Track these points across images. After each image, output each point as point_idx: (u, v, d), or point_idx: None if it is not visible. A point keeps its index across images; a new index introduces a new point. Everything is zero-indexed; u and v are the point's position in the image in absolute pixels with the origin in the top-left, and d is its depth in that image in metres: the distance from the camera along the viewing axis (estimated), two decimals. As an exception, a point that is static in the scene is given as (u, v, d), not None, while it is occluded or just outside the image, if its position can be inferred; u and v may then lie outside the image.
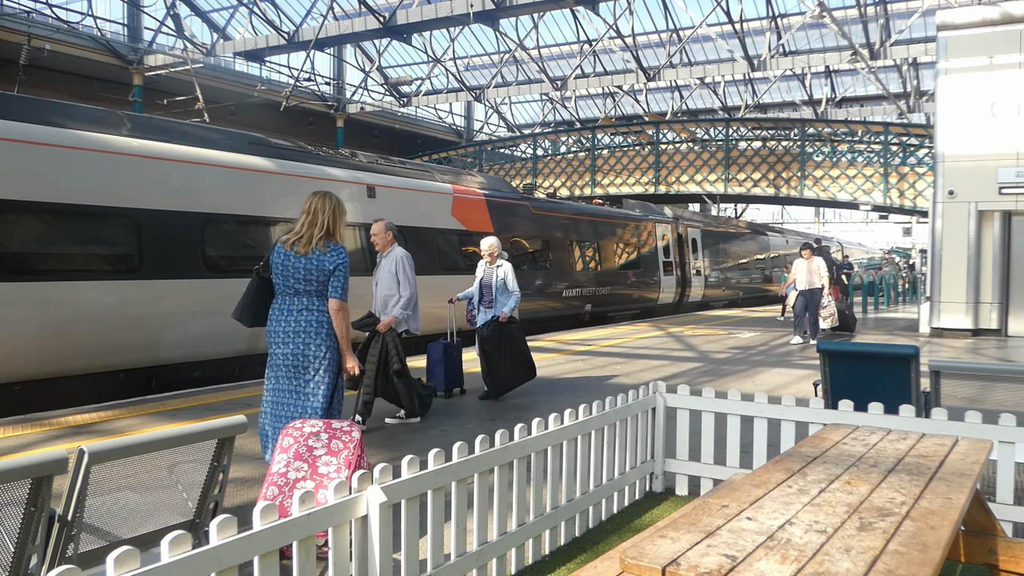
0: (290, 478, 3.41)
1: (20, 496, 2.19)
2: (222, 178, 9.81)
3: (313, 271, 4.16)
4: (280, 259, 4.20)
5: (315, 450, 3.49)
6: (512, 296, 7.78)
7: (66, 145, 8.22)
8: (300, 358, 4.20)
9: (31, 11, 21.53)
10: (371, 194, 11.82)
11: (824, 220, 64.04)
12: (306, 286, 4.19)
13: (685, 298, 22.85)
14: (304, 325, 4.18)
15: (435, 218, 13.18)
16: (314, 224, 4.19)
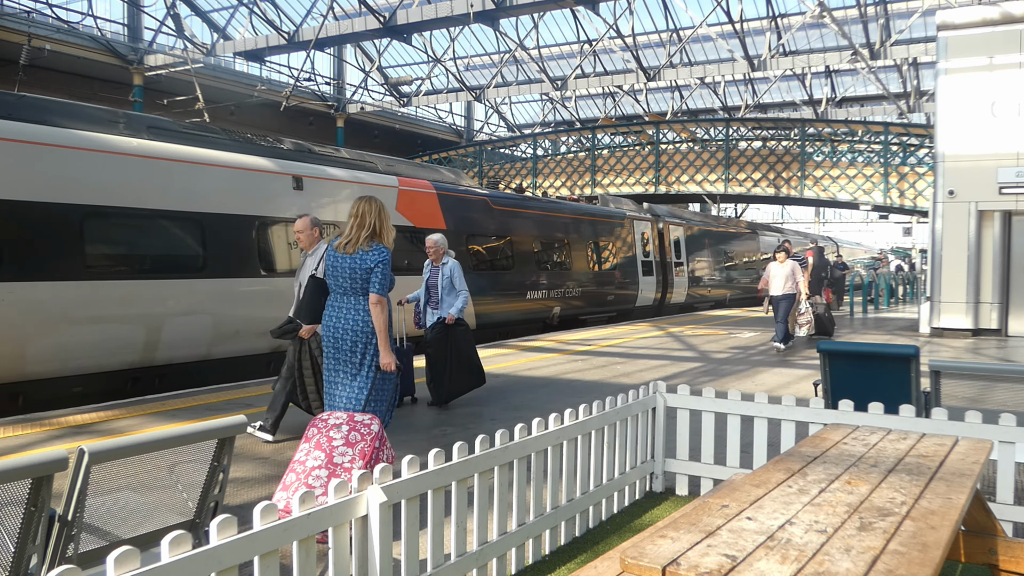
0: (308, 466, 3.60)
1: (20, 496, 2.19)
2: (108, 166, 8.47)
3: (358, 270, 4.45)
4: (331, 260, 4.54)
5: (334, 440, 3.67)
6: (459, 296, 7.35)
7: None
8: (348, 353, 4.50)
9: (31, 11, 21.53)
10: (297, 186, 10.70)
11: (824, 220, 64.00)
12: (352, 284, 4.48)
13: (667, 300, 21.75)
14: (352, 323, 4.48)
15: None
16: (362, 226, 4.48)
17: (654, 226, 21.30)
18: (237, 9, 26.41)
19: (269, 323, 8.08)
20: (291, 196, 10.58)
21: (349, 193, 11.47)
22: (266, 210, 10.16)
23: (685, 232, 23.14)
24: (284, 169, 10.66)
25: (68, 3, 23.59)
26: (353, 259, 4.45)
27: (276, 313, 8.62)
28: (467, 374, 7.40)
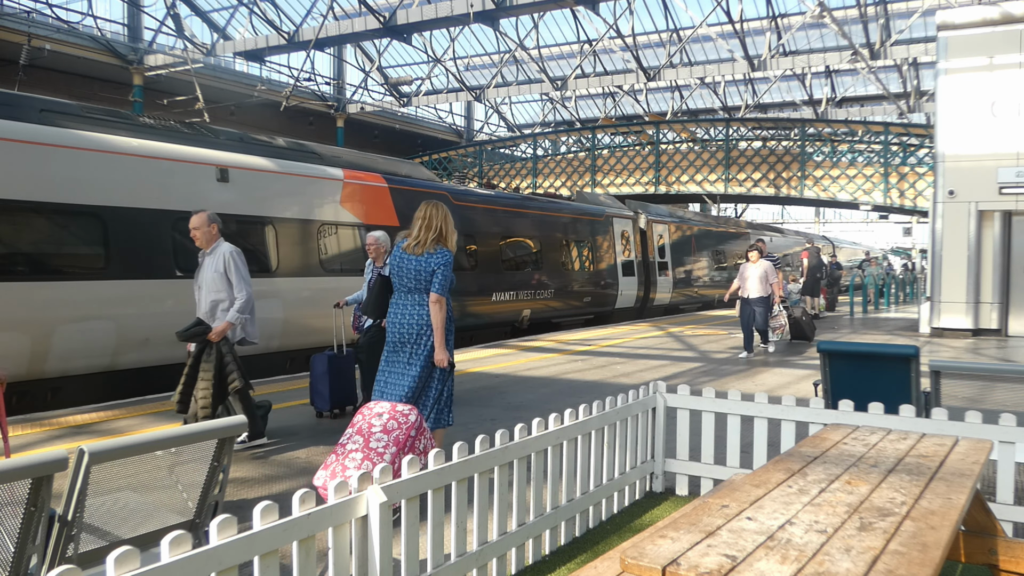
0: (347, 448, 3.92)
1: (20, 496, 2.19)
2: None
3: (422, 271, 4.70)
4: (396, 260, 4.81)
5: (373, 427, 3.97)
6: None
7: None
8: (409, 346, 4.76)
9: (31, 11, 21.54)
10: (222, 177, 9.73)
11: (824, 220, 64.03)
12: (416, 284, 4.74)
13: (649, 301, 20.73)
14: (415, 319, 4.76)
15: (316, 209, 11.02)
16: (430, 229, 4.74)
17: (635, 223, 20.36)
18: (237, 9, 26.43)
19: None
20: (215, 189, 9.63)
21: (284, 186, 10.56)
22: (182, 203, 9.15)
23: (670, 230, 22.20)
24: (206, 159, 9.68)
25: (68, 3, 23.61)
26: (419, 260, 4.71)
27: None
28: None
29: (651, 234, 20.87)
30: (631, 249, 19.85)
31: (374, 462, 3.81)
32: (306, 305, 10.62)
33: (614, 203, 20.48)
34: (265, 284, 9.91)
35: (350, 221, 11.53)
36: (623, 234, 19.51)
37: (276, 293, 10.18)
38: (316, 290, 10.66)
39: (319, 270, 10.94)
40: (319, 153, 11.82)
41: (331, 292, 10.09)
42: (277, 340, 10.19)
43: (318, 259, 10.97)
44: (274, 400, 7.74)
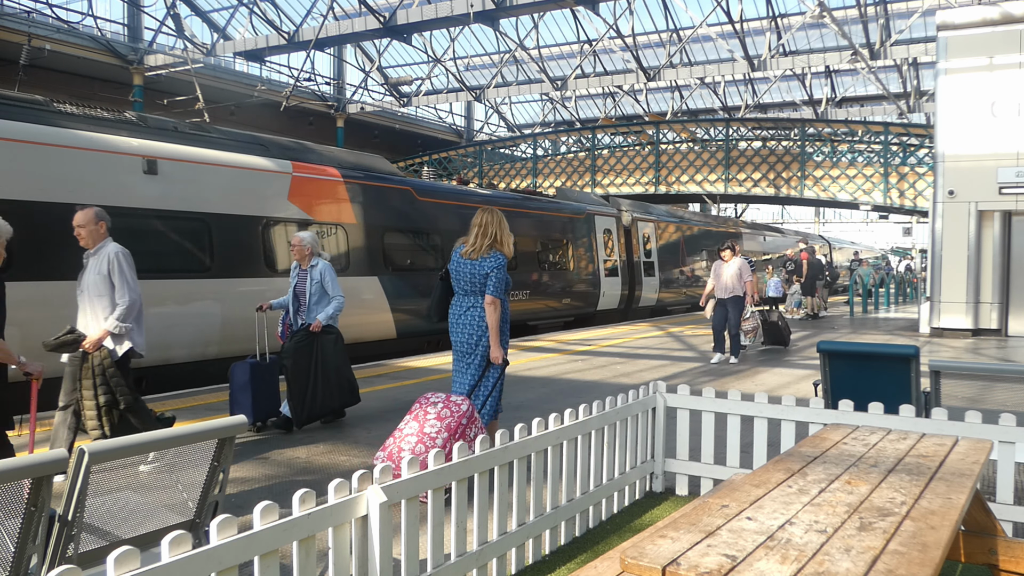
0: (404, 433, 4.33)
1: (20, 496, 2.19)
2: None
3: (476, 274, 4.99)
4: (455, 265, 5.10)
5: (428, 415, 4.35)
6: (331, 302, 6.53)
7: None
8: (468, 346, 5.07)
9: (31, 11, 21.54)
10: (149, 169, 8.94)
11: (824, 220, 64.02)
12: (471, 287, 5.03)
13: (634, 302, 19.90)
14: (472, 320, 5.05)
15: (260, 204, 10.21)
16: (486, 235, 5.03)
17: (619, 221, 19.50)
18: (237, 9, 26.42)
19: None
20: (140, 182, 8.83)
21: (222, 179, 9.78)
22: (98, 198, 8.30)
23: (657, 229, 21.43)
24: (130, 149, 8.84)
25: (68, 3, 23.62)
26: (474, 264, 5.00)
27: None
28: (335, 391, 6.39)
29: (636, 233, 20.12)
30: (615, 248, 19.03)
31: (427, 446, 4.18)
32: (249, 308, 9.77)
33: (597, 200, 19.85)
34: (199, 285, 9.35)
35: (299, 217, 10.75)
36: (606, 232, 18.74)
37: (213, 295, 9.45)
38: (259, 291, 9.83)
39: (263, 270, 10.16)
40: (265, 144, 11.04)
41: (277, 294, 9.50)
42: (215, 346, 9.46)
43: (262, 258, 10.17)
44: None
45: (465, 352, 5.09)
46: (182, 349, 9.09)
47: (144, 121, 9.67)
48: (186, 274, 9.24)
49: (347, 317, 11.06)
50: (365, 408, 7.35)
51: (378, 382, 8.98)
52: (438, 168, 29.76)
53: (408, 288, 12.44)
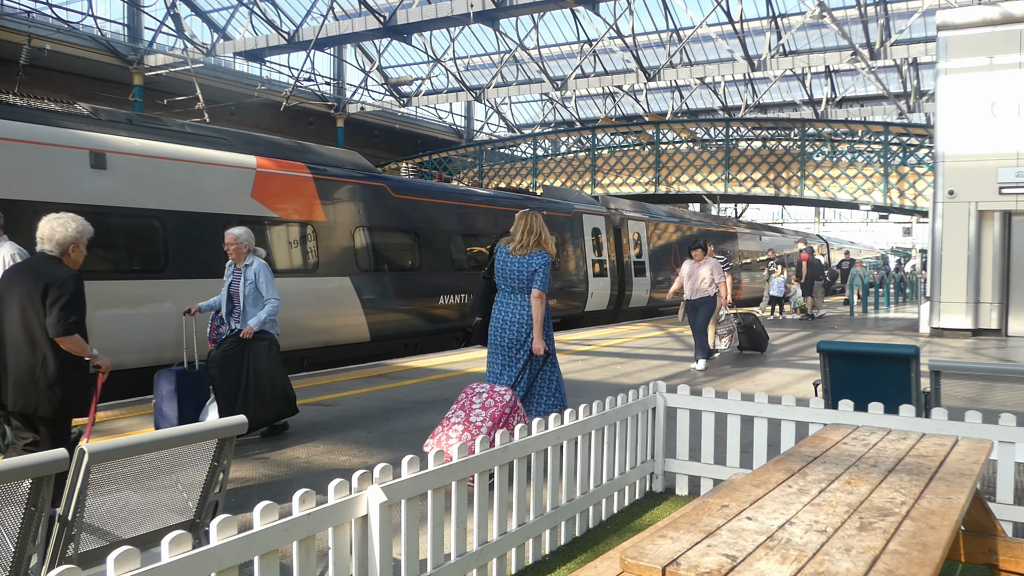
0: (451, 421, 4.60)
1: (20, 496, 2.19)
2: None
3: (524, 270, 5.24)
4: (501, 264, 5.33)
5: (473, 404, 4.63)
6: (266, 305, 6.06)
7: None
8: (516, 342, 5.28)
9: (31, 11, 21.55)
10: (97, 163, 8.40)
11: (824, 220, 64.04)
12: (519, 284, 5.27)
13: (624, 303, 19.33)
14: (518, 317, 5.29)
15: (219, 200, 9.70)
16: (531, 233, 5.28)
17: (608, 220, 18.88)
18: (237, 9, 26.42)
19: None
20: (86, 176, 8.31)
21: (178, 174, 9.24)
22: (36, 193, 7.85)
23: (648, 228, 20.85)
24: (74, 141, 8.28)
25: (68, 3, 23.62)
26: (522, 261, 5.26)
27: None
28: (269, 402, 5.90)
29: (627, 232, 19.62)
30: (604, 248, 18.40)
31: (473, 434, 4.44)
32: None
33: (585, 199, 19.40)
34: (152, 287, 8.86)
35: (263, 215, 10.17)
36: (595, 231, 18.12)
37: (168, 297, 8.93)
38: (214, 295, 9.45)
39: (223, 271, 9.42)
40: (228, 139, 10.50)
41: None
42: (170, 351, 8.84)
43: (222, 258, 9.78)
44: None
45: (511, 348, 5.30)
46: (134, 354, 8.51)
47: (96, 113, 9.17)
48: (137, 275, 8.75)
49: (317, 320, 10.76)
50: (366, 408, 7.35)
51: (378, 382, 8.98)
52: (438, 168, 29.75)
53: (383, 289, 12.01)
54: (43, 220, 3.93)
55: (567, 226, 17.17)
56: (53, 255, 3.87)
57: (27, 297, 3.76)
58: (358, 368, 10.16)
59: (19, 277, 3.86)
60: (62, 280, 3.76)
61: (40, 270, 3.82)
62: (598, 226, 18.29)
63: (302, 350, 10.48)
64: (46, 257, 3.87)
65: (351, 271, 11.40)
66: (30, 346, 3.76)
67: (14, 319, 3.78)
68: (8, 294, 3.83)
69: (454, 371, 9.86)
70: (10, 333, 3.80)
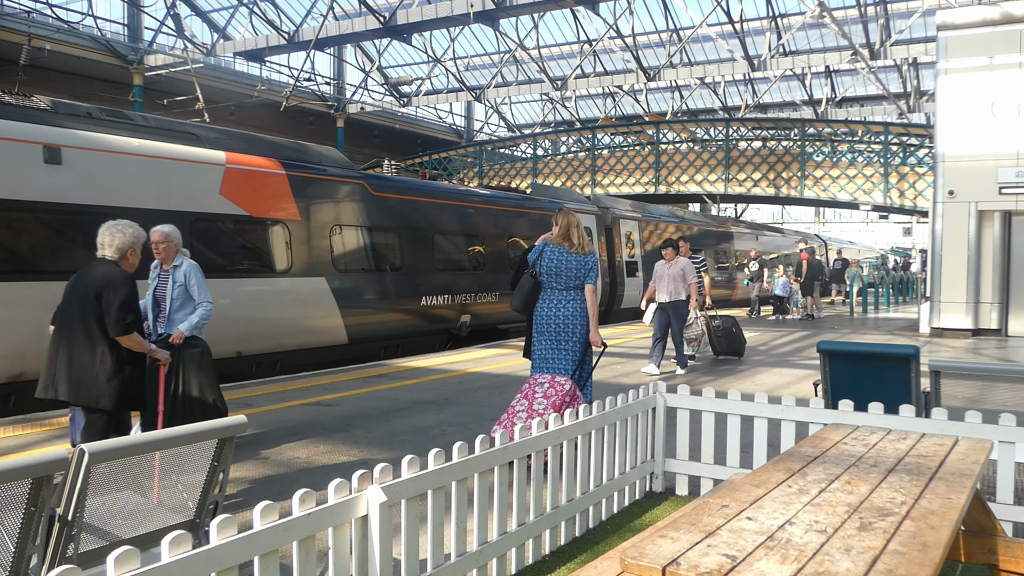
0: (516, 409, 5.00)
1: (20, 496, 2.19)
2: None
3: (580, 267, 5.64)
4: (554, 262, 5.63)
5: (536, 393, 5.01)
6: (198, 309, 5.53)
7: None
8: (563, 333, 5.63)
9: (31, 11, 21.55)
10: (51, 158, 8.03)
11: (824, 220, 64.04)
12: (571, 281, 5.64)
13: (616, 303, 18.97)
14: (569, 311, 5.63)
15: (185, 198, 9.26)
16: (583, 235, 5.73)
17: (599, 220, 18.51)
18: (237, 9, 26.43)
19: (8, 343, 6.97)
20: (39, 172, 7.94)
21: (140, 171, 8.79)
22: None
23: (641, 228, 20.46)
24: (25, 135, 7.88)
25: (68, 3, 23.62)
26: (580, 259, 5.66)
27: (17, 330, 7.42)
28: (198, 413, 5.27)
29: (619, 231, 19.25)
30: (594, 247, 17.68)
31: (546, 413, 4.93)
32: None
33: (575, 197, 19.08)
34: None
35: (232, 213, 9.76)
36: (585, 231, 17.85)
37: None
38: None
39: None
40: (196, 134, 10.04)
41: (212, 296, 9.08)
42: None
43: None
44: (271, 400, 7.75)
45: (563, 339, 5.64)
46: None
47: (55, 107, 8.79)
48: None
49: (290, 322, 10.39)
50: (366, 408, 7.35)
51: (378, 382, 8.98)
52: (438, 168, 29.76)
53: (361, 290, 11.65)
54: (102, 227, 4.27)
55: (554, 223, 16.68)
56: (112, 259, 4.23)
57: (85, 299, 4.08)
58: (358, 368, 10.15)
59: (79, 281, 4.20)
60: (116, 283, 4.08)
61: (97, 273, 4.16)
62: (588, 225, 17.75)
63: (275, 353, 10.21)
64: (104, 261, 4.22)
65: (327, 271, 11.05)
66: (89, 344, 4.06)
67: (74, 319, 4.10)
68: (69, 296, 4.19)
69: (454, 371, 9.86)
70: (71, 332, 4.10)
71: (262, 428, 6.52)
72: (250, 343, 9.83)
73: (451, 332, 13.67)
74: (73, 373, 4.06)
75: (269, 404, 7.59)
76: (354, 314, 11.41)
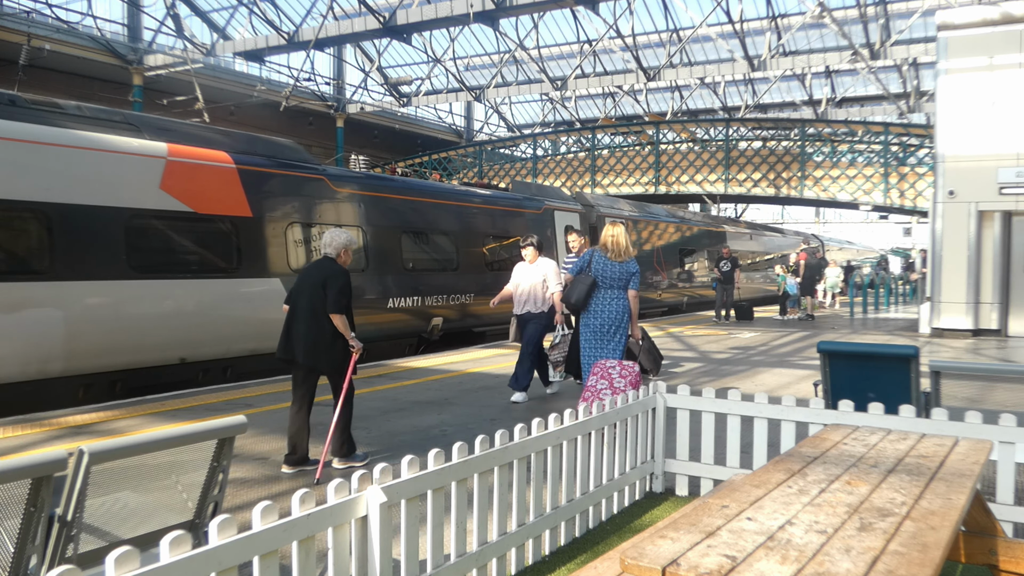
0: (598, 388, 5.80)
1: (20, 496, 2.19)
2: None
3: (624, 272, 6.63)
4: (602, 267, 6.62)
5: (612, 374, 5.88)
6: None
7: None
8: (609, 327, 6.60)
9: (31, 11, 21.54)
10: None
11: (824, 220, 64.05)
12: (617, 283, 6.63)
13: None
14: (615, 307, 6.62)
15: (120, 192, 8.65)
16: (616, 243, 6.64)
17: (584, 217, 17.87)
18: (237, 9, 26.43)
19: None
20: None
21: (68, 163, 8.24)
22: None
23: (628, 227, 19.13)
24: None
25: (68, 3, 23.61)
26: (623, 266, 6.63)
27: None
28: None
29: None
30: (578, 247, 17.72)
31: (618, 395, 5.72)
32: (106, 317, 8.41)
33: (559, 195, 18.42)
34: (33, 289, 7.84)
35: (174, 209, 9.19)
36: (568, 229, 16.75)
37: (53, 301, 7.97)
38: (121, 297, 8.52)
39: (125, 271, 8.60)
40: (136, 124, 9.44)
41: (144, 299, 8.43)
42: (60, 362, 8.02)
43: (123, 258, 8.61)
44: (271, 400, 7.75)
45: (606, 332, 6.61)
46: (13, 366, 7.71)
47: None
48: (15, 276, 7.77)
49: (242, 326, 9.75)
50: (366, 408, 7.35)
51: (378, 382, 8.98)
52: (438, 168, 29.75)
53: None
54: (327, 232, 5.49)
55: (538, 223, 16.19)
56: (332, 256, 5.41)
57: (313, 286, 5.24)
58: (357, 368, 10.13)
59: (310, 272, 5.40)
60: (336, 275, 5.28)
61: (323, 267, 5.35)
62: (572, 223, 17.33)
63: (225, 359, 9.65)
64: (327, 258, 5.41)
65: (282, 272, 10.39)
66: (317, 321, 5.22)
67: (306, 301, 5.26)
68: (301, 283, 5.37)
69: (454, 371, 9.86)
70: (304, 310, 5.26)
71: (261, 428, 6.52)
72: (196, 349, 9.27)
73: (421, 336, 13.08)
74: (307, 341, 5.23)
75: (268, 404, 7.59)
76: None
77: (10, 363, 7.70)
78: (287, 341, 5.34)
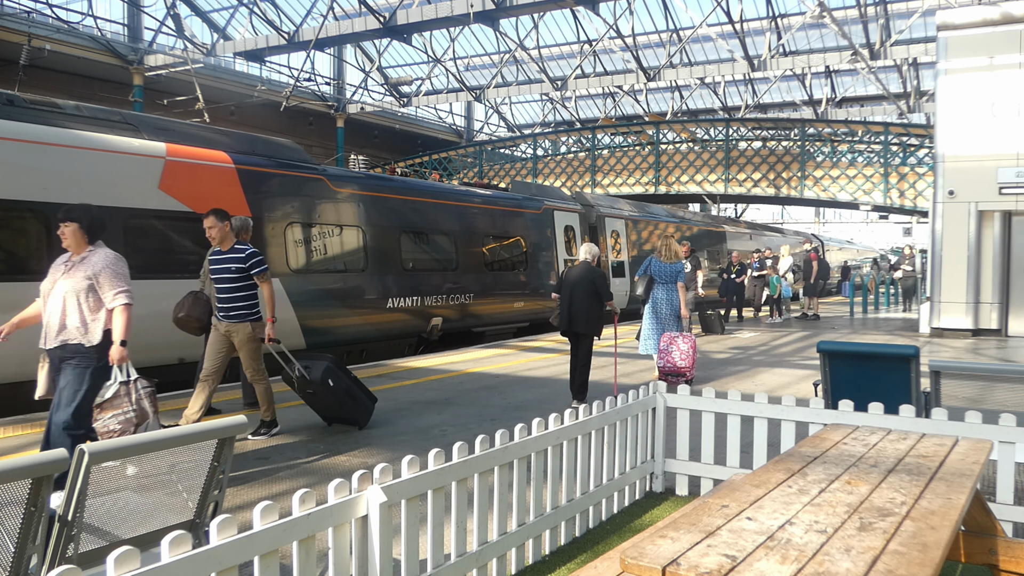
0: (670, 350, 8.90)
1: (20, 496, 2.19)
2: None
3: (672, 271, 9.41)
4: (656, 267, 9.44)
5: (676, 340, 8.93)
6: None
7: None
8: (664, 312, 9.40)
9: (31, 11, 21.55)
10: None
11: (824, 220, 64.04)
12: (669, 279, 9.43)
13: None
14: (672, 301, 9.39)
15: (118, 192, 8.64)
16: (665, 247, 9.54)
17: (583, 217, 17.91)
18: (237, 9, 26.42)
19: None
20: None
21: (70, 164, 8.24)
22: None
23: (628, 227, 19.79)
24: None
25: (68, 3, 23.62)
26: (672, 266, 9.42)
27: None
28: None
29: (604, 230, 18.61)
30: (577, 247, 17.22)
31: (685, 359, 8.91)
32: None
33: (558, 195, 18.44)
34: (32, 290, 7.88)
35: (174, 209, 9.17)
36: (568, 229, 17.14)
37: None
38: None
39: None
40: (135, 124, 9.42)
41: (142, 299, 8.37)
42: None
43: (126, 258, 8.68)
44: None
45: (666, 317, 9.38)
46: (13, 367, 7.65)
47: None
48: (14, 277, 7.72)
49: None
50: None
51: (378, 382, 8.98)
52: (438, 168, 29.75)
53: (320, 291, 10.96)
54: (583, 245, 8.10)
55: (537, 223, 16.27)
56: (590, 261, 7.78)
57: (588, 280, 7.53)
58: (357, 368, 10.14)
59: (583, 271, 7.62)
60: (602, 273, 7.70)
61: (592, 268, 7.63)
62: (572, 224, 17.39)
63: None
64: (588, 263, 7.73)
65: (282, 271, 10.43)
66: (588, 304, 7.52)
67: (582, 290, 7.52)
68: (577, 279, 7.58)
69: (454, 371, 9.86)
70: (580, 297, 7.53)
71: (262, 428, 6.51)
72: (195, 349, 8.89)
73: (421, 336, 13.07)
74: (582, 317, 7.52)
75: (269, 404, 7.57)
76: (312, 317, 10.79)
77: (10, 363, 7.70)
78: (564, 316, 7.69)
